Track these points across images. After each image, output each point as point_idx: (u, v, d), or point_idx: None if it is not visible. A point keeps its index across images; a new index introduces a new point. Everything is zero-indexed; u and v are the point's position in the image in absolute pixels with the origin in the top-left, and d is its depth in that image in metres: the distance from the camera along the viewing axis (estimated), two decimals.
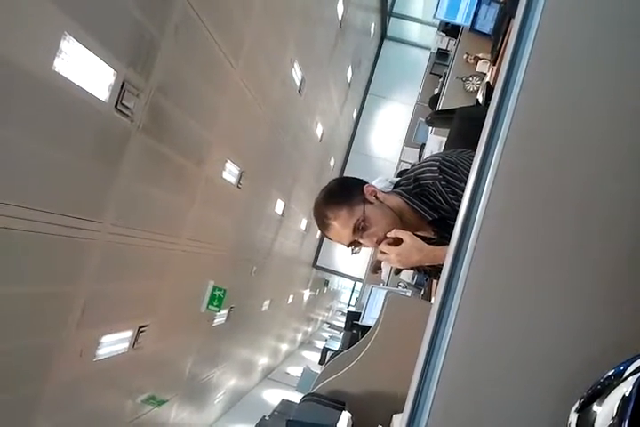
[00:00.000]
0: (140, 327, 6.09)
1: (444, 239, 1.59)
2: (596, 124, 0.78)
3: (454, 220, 0.82)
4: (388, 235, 1.57)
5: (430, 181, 1.58)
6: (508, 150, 0.78)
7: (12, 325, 3.97)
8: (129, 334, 5.92)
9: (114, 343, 5.59)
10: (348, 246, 1.64)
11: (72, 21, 3.65)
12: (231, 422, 11.28)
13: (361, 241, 1.60)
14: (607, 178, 0.77)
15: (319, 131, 13.28)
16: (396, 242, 1.57)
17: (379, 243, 1.59)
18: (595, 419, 0.57)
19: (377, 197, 1.62)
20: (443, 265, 1.64)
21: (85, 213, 4.41)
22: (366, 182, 1.68)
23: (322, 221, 1.63)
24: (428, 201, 1.61)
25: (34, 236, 3.86)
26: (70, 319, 4.64)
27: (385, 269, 7.02)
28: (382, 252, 1.59)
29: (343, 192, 1.64)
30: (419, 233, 1.63)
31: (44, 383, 4.58)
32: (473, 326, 0.77)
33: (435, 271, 1.78)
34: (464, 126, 2.26)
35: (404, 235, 1.55)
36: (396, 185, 1.72)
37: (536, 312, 0.76)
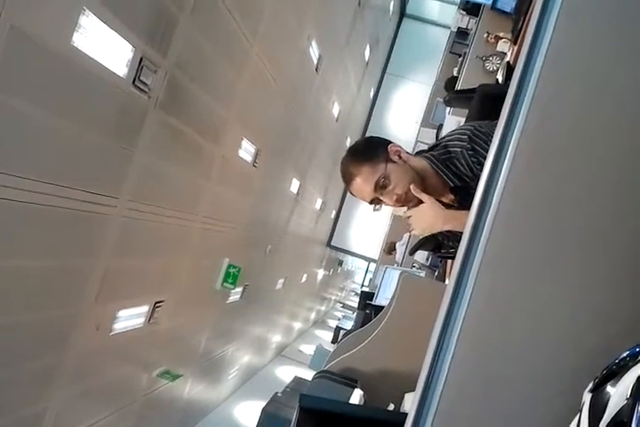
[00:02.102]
0: (156, 303, 6.17)
1: (464, 208, 1.61)
2: (618, 103, 0.77)
3: (476, 189, 0.82)
4: (413, 192, 1.60)
5: (458, 149, 1.61)
6: (528, 129, 0.77)
7: (32, 298, 4.04)
8: (145, 309, 6.00)
9: (130, 318, 5.68)
10: (370, 203, 1.69)
11: None
12: (244, 397, 11.44)
13: (381, 198, 1.64)
14: (626, 156, 0.76)
15: (335, 110, 13.19)
16: (417, 204, 1.62)
17: (398, 201, 1.63)
18: (608, 399, 0.57)
19: (400, 157, 1.66)
20: (454, 236, 1.63)
21: (103, 188, 4.45)
22: (391, 142, 1.71)
23: (346, 176, 1.68)
24: (454, 168, 1.64)
25: (52, 210, 3.90)
26: (88, 294, 4.70)
27: (399, 251, 7.01)
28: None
29: (368, 150, 1.69)
30: (440, 199, 1.67)
31: (63, 356, 4.67)
32: (487, 306, 0.77)
33: (447, 238, 1.78)
34: (485, 104, 2.23)
35: (425, 197, 1.60)
36: (428, 151, 1.75)
37: (551, 293, 0.76)
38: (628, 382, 0.56)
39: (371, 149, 1.68)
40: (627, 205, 0.75)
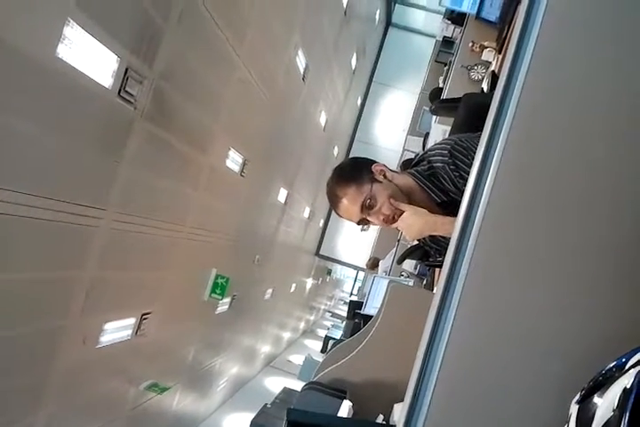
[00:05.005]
0: (144, 315, 6.12)
1: None
2: (601, 113, 0.77)
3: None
4: (391, 204, 1.60)
5: (440, 165, 1.61)
6: (512, 139, 0.77)
7: (17, 311, 3.99)
8: (132, 321, 5.95)
9: (117, 330, 5.62)
10: (358, 224, 1.69)
11: (76, 7, 3.62)
12: (233, 409, 11.35)
13: (369, 218, 1.64)
14: (615, 166, 0.76)
15: (322, 119, 13.22)
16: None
17: (385, 221, 1.62)
18: (595, 411, 0.57)
19: (385, 176, 1.65)
20: (444, 245, 1.63)
21: (89, 200, 4.41)
22: (376, 162, 1.71)
23: (332, 198, 1.68)
24: (439, 183, 1.63)
25: (38, 223, 3.86)
26: (74, 306, 4.66)
27: (381, 269, 7.00)
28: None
29: (353, 171, 1.69)
30: None
31: (49, 369, 4.61)
32: (474, 315, 0.77)
33: (437, 252, 1.78)
34: (470, 113, 2.24)
35: (404, 206, 1.59)
36: (413, 166, 1.74)
37: (538, 303, 0.76)
38: (614, 393, 0.55)
39: (355, 171, 1.68)
40: (613, 216, 0.75)
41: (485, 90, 3.80)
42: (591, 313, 0.74)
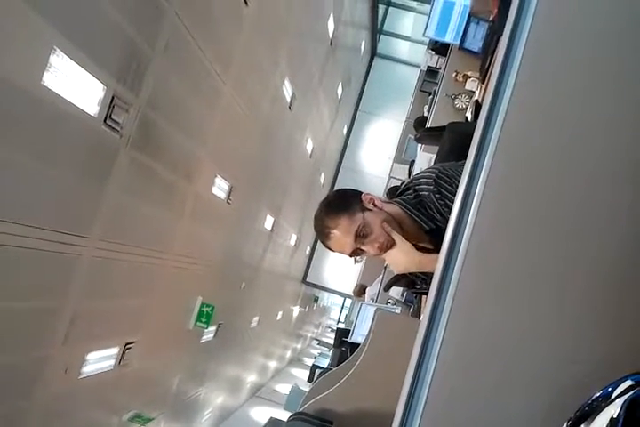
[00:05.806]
0: (127, 344, 6.02)
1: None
2: (583, 142, 0.78)
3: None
4: (384, 229, 1.59)
5: (426, 193, 1.62)
6: (495, 167, 0.78)
7: None
8: (115, 350, 5.85)
9: (99, 360, 5.52)
10: (350, 256, 1.65)
11: (62, 36, 3.65)
12: None
13: (363, 248, 1.61)
14: (597, 192, 0.77)
15: (309, 147, 13.32)
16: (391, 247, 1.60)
17: (380, 249, 1.60)
18: None
19: (375, 205, 1.64)
20: (429, 275, 1.63)
21: (73, 228, 4.37)
22: (363, 192, 1.70)
23: (323, 231, 1.64)
24: (425, 211, 1.63)
25: (19, 251, 3.81)
26: (56, 336, 4.57)
27: (369, 294, 6.98)
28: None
29: (342, 202, 1.67)
30: (420, 244, 1.65)
31: (29, 401, 4.50)
32: (461, 343, 0.76)
33: (423, 281, 1.78)
34: (454, 141, 2.27)
35: (396, 237, 1.58)
36: (399, 195, 1.74)
37: (524, 331, 0.75)
38: (601, 423, 0.55)
39: (344, 201, 1.66)
40: (596, 249, 0.76)
41: (469, 118, 3.85)
42: (577, 343, 0.74)
